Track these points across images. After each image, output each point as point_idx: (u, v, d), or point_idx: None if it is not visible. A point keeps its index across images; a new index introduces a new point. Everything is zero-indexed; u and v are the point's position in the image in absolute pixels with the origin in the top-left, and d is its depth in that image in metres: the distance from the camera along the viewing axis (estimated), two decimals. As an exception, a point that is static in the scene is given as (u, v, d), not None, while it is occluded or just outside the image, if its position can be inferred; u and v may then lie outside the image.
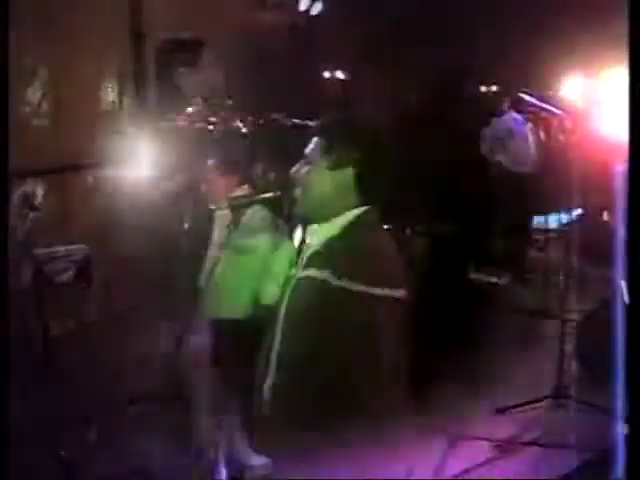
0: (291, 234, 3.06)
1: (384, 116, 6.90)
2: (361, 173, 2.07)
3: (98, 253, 4.45)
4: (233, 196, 3.14)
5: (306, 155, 2.15)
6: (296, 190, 2.15)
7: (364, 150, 2.09)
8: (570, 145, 4.07)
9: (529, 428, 4.07)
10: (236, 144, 3.45)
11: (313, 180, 2.10)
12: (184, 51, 4.02)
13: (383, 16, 7.73)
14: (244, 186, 3.33)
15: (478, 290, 6.41)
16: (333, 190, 2.07)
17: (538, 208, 7.18)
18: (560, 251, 5.69)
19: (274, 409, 1.97)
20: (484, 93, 8.18)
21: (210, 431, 2.78)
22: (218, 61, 4.25)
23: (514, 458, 3.78)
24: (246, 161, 3.42)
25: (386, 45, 8.07)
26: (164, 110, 3.64)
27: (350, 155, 2.07)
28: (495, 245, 7.08)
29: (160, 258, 3.56)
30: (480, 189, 6.85)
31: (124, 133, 4.06)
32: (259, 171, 3.43)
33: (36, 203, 4.04)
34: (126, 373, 4.31)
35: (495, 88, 7.96)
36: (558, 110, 4.18)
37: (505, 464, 3.70)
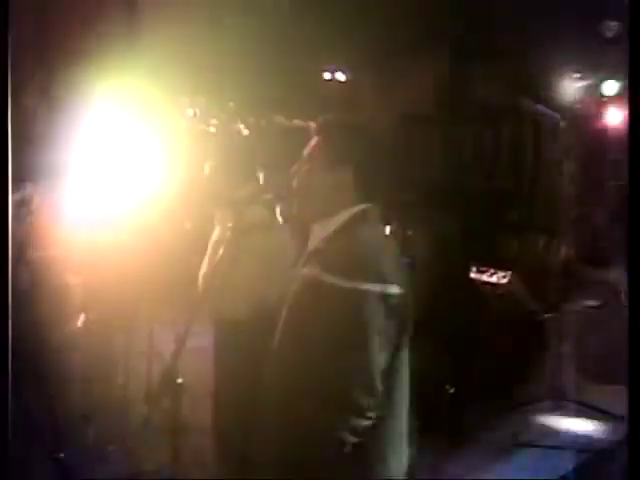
0: (291, 234, 3.07)
1: (384, 117, 6.90)
2: (360, 173, 2.07)
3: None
4: (233, 196, 3.14)
5: (306, 155, 2.15)
6: (296, 190, 2.15)
7: (363, 150, 2.09)
8: (570, 145, 4.09)
9: (529, 428, 4.08)
10: (236, 144, 3.45)
11: (312, 180, 2.10)
12: None
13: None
14: (244, 186, 3.32)
15: (478, 290, 6.41)
16: (332, 190, 2.07)
17: (538, 208, 7.18)
18: (560, 251, 5.69)
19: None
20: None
21: None
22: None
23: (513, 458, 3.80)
24: (246, 161, 3.41)
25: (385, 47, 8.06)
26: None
27: (349, 155, 2.07)
28: (495, 245, 7.07)
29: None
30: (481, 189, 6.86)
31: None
32: (259, 171, 3.42)
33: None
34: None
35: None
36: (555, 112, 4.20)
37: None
